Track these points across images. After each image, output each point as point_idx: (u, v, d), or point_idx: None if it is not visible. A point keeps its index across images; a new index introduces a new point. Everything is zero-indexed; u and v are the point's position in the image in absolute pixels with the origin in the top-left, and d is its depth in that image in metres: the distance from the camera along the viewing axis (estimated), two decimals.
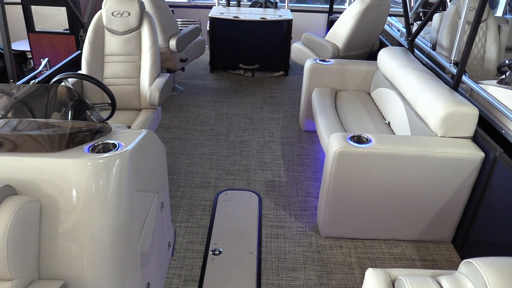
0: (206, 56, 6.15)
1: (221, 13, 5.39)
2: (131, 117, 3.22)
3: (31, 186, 1.69)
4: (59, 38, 5.96)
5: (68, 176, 1.69)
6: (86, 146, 1.85)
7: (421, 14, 6.62)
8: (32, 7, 5.87)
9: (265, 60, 5.52)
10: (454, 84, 2.92)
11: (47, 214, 1.69)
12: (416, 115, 2.93)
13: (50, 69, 3.85)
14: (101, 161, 1.73)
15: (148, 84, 3.29)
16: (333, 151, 2.51)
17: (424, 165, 2.53)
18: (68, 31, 5.81)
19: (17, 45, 6.60)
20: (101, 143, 1.90)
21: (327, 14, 7.58)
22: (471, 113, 2.58)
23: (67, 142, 1.81)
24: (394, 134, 3.24)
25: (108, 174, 1.72)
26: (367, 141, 2.56)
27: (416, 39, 4.56)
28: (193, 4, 7.57)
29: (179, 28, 6.73)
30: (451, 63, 3.43)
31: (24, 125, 1.88)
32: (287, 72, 5.69)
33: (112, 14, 3.31)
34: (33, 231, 1.64)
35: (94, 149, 1.85)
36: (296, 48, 4.90)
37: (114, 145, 1.89)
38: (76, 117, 2.04)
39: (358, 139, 2.60)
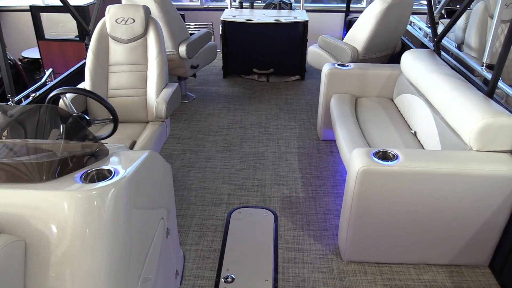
0: (218, 61, 5.94)
1: (234, 16, 5.17)
2: (138, 131, 3.02)
3: (15, 222, 1.48)
4: (69, 45, 5.83)
5: (56, 210, 1.48)
6: (78, 174, 1.65)
7: (443, 11, 6.30)
8: (41, 14, 5.75)
9: (280, 64, 5.29)
10: (489, 90, 2.64)
11: (33, 254, 1.49)
12: (447, 125, 2.66)
13: (54, 79, 3.69)
14: (94, 192, 1.52)
15: (155, 95, 3.08)
16: (356, 169, 2.26)
17: (458, 183, 2.26)
18: (78, 38, 5.68)
19: (29, 53, 6.51)
20: (94, 170, 1.69)
21: (344, 14, 7.31)
22: (511, 124, 2.30)
23: (56, 170, 1.60)
24: (422, 145, 2.97)
25: (102, 207, 1.51)
26: (394, 157, 2.30)
27: (429, 32, 4.26)
28: (206, 7, 7.38)
29: (190, 32, 6.57)
30: (482, 66, 3.14)
31: (6, 151, 1.69)
32: (303, 76, 5.44)
33: (116, 21, 3.11)
34: (17, 275, 1.43)
35: (86, 177, 1.64)
36: (313, 51, 4.65)
37: (110, 172, 1.69)
38: (69, 141, 1.84)
39: (384, 155, 2.34)
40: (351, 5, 7.08)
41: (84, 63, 3.55)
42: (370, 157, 2.29)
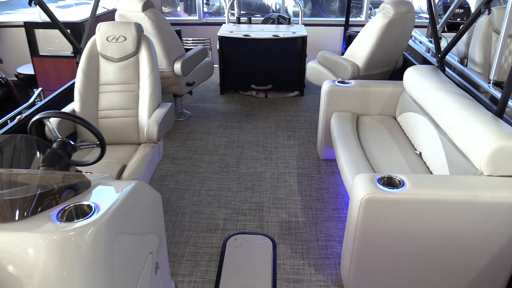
0: (216, 77, 5.82)
1: (231, 32, 5.06)
2: (129, 153, 2.87)
3: None
4: (64, 62, 5.72)
5: (29, 254, 1.33)
6: (54, 212, 1.49)
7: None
8: (36, 30, 5.65)
9: (278, 80, 5.16)
10: (499, 110, 2.49)
11: None
12: (455, 147, 2.51)
13: (44, 98, 3.55)
14: (71, 233, 1.37)
15: (146, 116, 2.94)
16: (360, 197, 2.10)
17: (469, 211, 2.10)
18: (73, 55, 5.56)
19: (24, 69, 6.40)
20: (73, 206, 1.54)
21: (343, 28, 7.23)
22: None
23: (29, 208, 1.45)
24: (428, 168, 2.81)
25: (80, 250, 1.36)
26: (400, 184, 2.15)
27: (431, 47, 4.14)
28: (203, 21, 7.29)
29: (187, 48, 6.45)
30: (489, 83, 3.01)
31: None
32: (303, 92, 5.31)
33: (107, 39, 2.98)
34: None
35: (64, 215, 1.49)
36: (312, 67, 4.52)
37: (90, 207, 1.53)
38: (46, 172, 1.69)
39: (389, 181, 2.19)
40: (350, 19, 7.00)
41: (74, 82, 3.42)
42: (375, 183, 2.14)
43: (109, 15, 6.12)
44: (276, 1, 11.04)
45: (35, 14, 7.78)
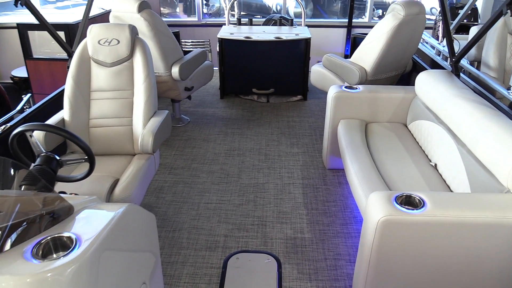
0: (216, 81, 5.61)
1: (231, 33, 4.85)
2: (122, 166, 2.66)
3: None
4: (58, 65, 5.51)
5: None
6: (29, 246, 1.29)
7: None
8: (29, 32, 5.44)
9: (281, 83, 4.95)
10: None
11: None
12: (477, 161, 2.30)
13: (35, 104, 3.35)
14: (48, 274, 1.17)
15: (141, 125, 2.73)
16: (376, 219, 1.90)
17: (496, 234, 1.89)
18: (67, 57, 5.36)
19: (19, 72, 6.20)
20: (50, 238, 1.33)
21: (346, 29, 7.03)
22: None
23: None
24: (444, 181, 2.61)
25: None
26: (420, 203, 1.94)
27: (442, 50, 3.94)
28: (203, 22, 7.09)
29: (186, 50, 6.24)
30: (509, 89, 2.81)
31: None
32: (306, 96, 5.11)
33: (99, 42, 2.78)
34: None
35: (39, 250, 1.29)
36: (317, 71, 4.31)
37: (71, 240, 1.33)
38: (21, 199, 1.48)
39: (407, 201, 1.98)
40: (353, 20, 6.81)
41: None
42: (392, 203, 1.93)
43: (106, 16, 5.91)
44: (277, 2, 10.83)
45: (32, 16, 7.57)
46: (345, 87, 3.38)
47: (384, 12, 11.46)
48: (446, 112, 2.68)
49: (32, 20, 5.98)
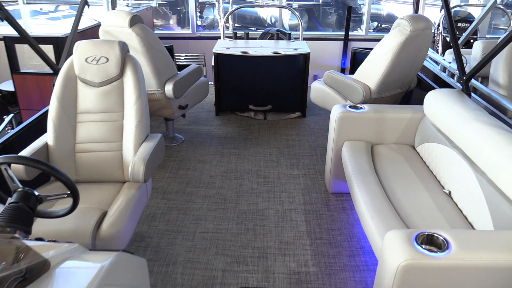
0: (211, 96, 5.40)
1: (227, 48, 4.66)
2: (111, 195, 2.43)
3: None
4: (46, 79, 5.28)
5: None
6: None
7: (448, 38, 5.87)
8: (16, 45, 5.21)
9: (279, 100, 4.76)
10: None
11: None
12: (499, 192, 2.10)
13: (16, 127, 3.12)
14: None
15: (132, 150, 2.51)
16: (395, 264, 1.69)
17: None
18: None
19: (7, 85, 5.96)
20: None
21: (342, 42, 6.89)
22: None
23: None
24: (461, 210, 2.41)
25: None
26: (444, 244, 1.73)
27: (448, 66, 3.77)
28: (197, 35, 6.92)
29: (180, 64, 6.04)
30: None
31: None
32: (305, 113, 4.91)
33: (86, 60, 2.56)
34: None
35: None
36: (318, 88, 4.13)
37: None
38: None
39: (429, 240, 1.77)
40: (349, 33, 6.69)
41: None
42: (413, 245, 1.72)
43: (98, 30, 5.70)
44: (271, 14, 10.72)
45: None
46: (350, 106, 3.19)
47: (380, 25, 11.41)
48: (461, 136, 2.49)
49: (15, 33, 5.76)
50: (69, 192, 1.84)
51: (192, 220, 3.06)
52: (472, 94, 3.23)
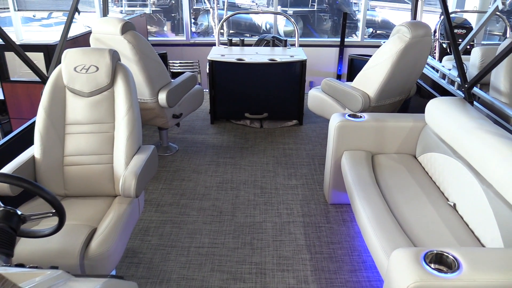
0: (206, 104, 5.30)
1: (222, 55, 4.57)
2: (101, 211, 2.32)
3: None
4: (37, 88, 5.16)
5: None
6: None
7: (445, 44, 5.81)
8: (6, 53, 5.09)
9: (275, 107, 4.66)
10: None
11: None
12: (508, 206, 2.01)
13: (3, 137, 3.00)
14: None
15: (123, 163, 2.40)
16: (404, 286, 1.58)
17: None
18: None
19: None
20: None
21: (338, 49, 6.84)
22: None
23: None
24: (467, 224, 2.31)
25: None
26: (455, 265, 1.63)
27: (448, 74, 3.68)
28: (192, 42, 6.83)
29: (175, 71, 5.94)
30: None
31: None
32: (302, 121, 4.82)
33: (75, 69, 2.45)
34: None
35: None
36: (315, 96, 4.03)
37: None
38: None
39: (438, 259, 1.67)
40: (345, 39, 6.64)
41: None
42: (422, 265, 1.62)
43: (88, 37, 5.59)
44: (266, 20, 10.66)
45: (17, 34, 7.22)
46: (349, 115, 3.10)
47: (374, 31, 11.38)
48: (465, 146, 2.39)
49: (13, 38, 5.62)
50: (54, 210, 1.72)
51: (187, 234, 2.94)
52: (477, 104, 3.15)
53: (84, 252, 2.00)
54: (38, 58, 4.99)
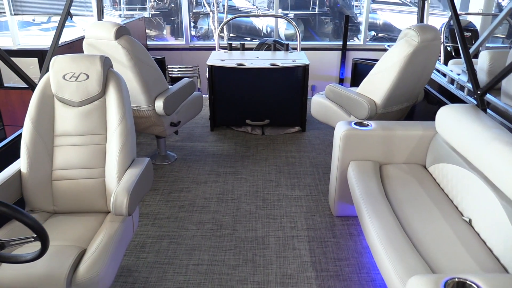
0: (206, 110, 5.14)
1: (222, 60, 4.42)
2: (91, 229, 2.16)
3: None
4: (32, 94, 5.00)
5: None
6: None
7: (450, 48, 5.65)
8: None
9: (277, 114, 4.51)
10: None
11: None
12: None
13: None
14: None
15: (115, 178, 2.24)
16: None
17: None
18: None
19: None
20: None
21: (340, 52, 6.70)
22: None
23: None
24: (484, 242, 2.15)
25: None
26: None
27: (457, 79, 3.52)
28: (191, 46, 6.69)
29: (172, 77, 5.79)
30: None
31: None
32: (304, 128, 4.66)
33: (64, 77, 2.30)
34: None
35: None
36: (319, 102, 3.88)
37: None
38: None
39: (459, 287, 1.51)
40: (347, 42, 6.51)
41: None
42: None
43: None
44: (267, 24, 10.52)
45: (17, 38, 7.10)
46: (355, 123, 2.94)
47: (376, 34, 11.24)
48: (481, 158, 2.23)
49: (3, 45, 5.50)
50: (35, 235, 1.56)
51: (185, 250, 2.78)
52: (489, 111, 2.99)
53: (72, 277, 1.84)
54: (33, 63, 4.85)
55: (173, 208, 3.24)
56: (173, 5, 10.81)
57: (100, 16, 3.91)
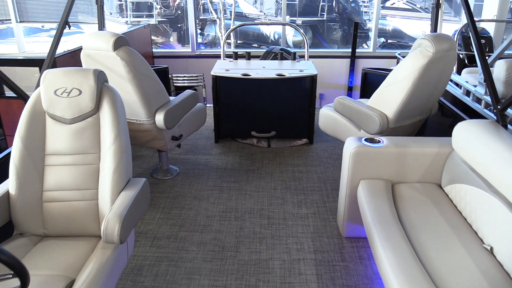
0: (210, 121, 5.00)
1: (227, 70, 4.27)
2: (82, 256, 2.01)
3: None
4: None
5: None
6: None
7: (462, 56, 5.46)
8: (0, 68, 4.84)
9: (283, 125, 4.35)
10: None
11: None
12: None
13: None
14: None
15: (109, 200, 2.09)
16: None
17: None
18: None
19: None
20: None
21: (349, 60, 6.55)
22: None
23: None
24: (508, 274, 1.97)
25: None
26: None
27: (474, 91, 3.34)
28: (197, 54, 6.57)
29: (176, 86, 5.66)
30: None
31: None
32: (312, 140, 4.49)
33: (55, 93, 2.16)
34: None
35: None
36: (327, 115, 3.71)
37: None
38: None
39: None
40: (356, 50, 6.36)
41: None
42: None
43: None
44: (275, 31, 10.39)
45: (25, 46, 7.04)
46: (365, 139, 2.77)
47: (386, 41, 11.05)
48: (504, 181, 2.06)
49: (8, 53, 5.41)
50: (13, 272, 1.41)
51: (185, 274, 2.62)
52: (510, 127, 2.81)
53: None
54: (35, 72, 4.75)
55: (173, 227, 3.08)
56: (179, 12, 10.73)
57: (101, 26, 3.79)
